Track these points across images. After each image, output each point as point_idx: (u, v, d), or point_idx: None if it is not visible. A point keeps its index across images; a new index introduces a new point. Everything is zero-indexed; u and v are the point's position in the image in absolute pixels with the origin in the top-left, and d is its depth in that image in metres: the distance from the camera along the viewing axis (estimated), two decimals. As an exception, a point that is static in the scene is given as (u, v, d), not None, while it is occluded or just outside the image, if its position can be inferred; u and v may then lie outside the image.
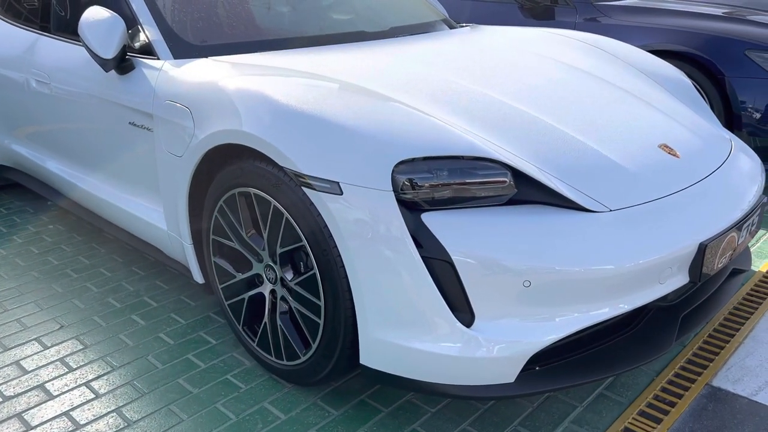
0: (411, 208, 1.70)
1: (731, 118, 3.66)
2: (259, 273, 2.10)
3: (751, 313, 2.48)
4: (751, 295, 2.62)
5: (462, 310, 1.69)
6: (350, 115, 1.80)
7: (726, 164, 2.19)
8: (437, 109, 1.98)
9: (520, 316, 1.70)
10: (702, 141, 2.26)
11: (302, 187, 1.78)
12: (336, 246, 1.76)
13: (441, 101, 2.04)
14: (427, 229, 1.68)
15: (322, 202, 1.74)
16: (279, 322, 2.05)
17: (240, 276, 2.16)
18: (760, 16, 4.07)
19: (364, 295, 1.74)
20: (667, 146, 2.11)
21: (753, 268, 2.85)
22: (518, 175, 1.78)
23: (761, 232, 3.22)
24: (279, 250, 1.96)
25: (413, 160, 1.72)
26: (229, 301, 2.23)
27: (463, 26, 3.34)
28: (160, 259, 2.61)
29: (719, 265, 1.95)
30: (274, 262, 2.01)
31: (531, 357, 1.70)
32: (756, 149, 3.61)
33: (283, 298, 2.04)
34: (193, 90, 2.16)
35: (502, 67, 2.45)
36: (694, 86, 3.79)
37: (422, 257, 1.67)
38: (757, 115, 3.55)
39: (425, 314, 1.69)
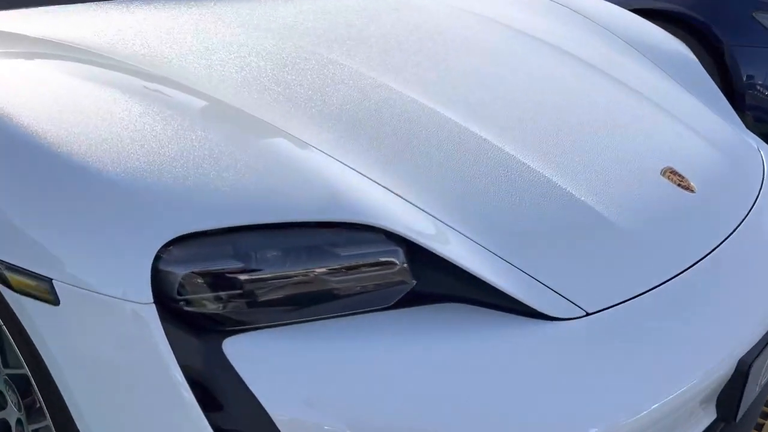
0: (199, 332, 0.86)
1: (732, 97, 2.88)
2: (2, 390, 1.26)
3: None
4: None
5: None
6: (98, 142, 0.92)
7: (763, 194, 1.39)
8: (282, 119, 1.12)
9: None
10: (724, 156, 1.45)
11: (-1, 284, 0.92)
12: (59, 390, 0.92)
13: (296, 102, 1.17)
14: (232, 371, 0.85)
15: (26, 313, 0.89)
16: (29, 474, 1.22)
17: (-22, 390, 1.31)
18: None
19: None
20: (674, 172, 1.30)
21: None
22: (419, 252, 0.95)
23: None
24: (5, 371, 1.12)
25: (203, 235, 0.86)
26: (-27, 423, 1.38)
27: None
28: None
29: (763, 383, 1.17)
30: (8, 385, 1.17)
31: None
32: (763, 138, 2.85)
33: (31, 439, 1.20)
34: None
35: (420, 37, 1.59)
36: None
37: (217, 430, 0.84)
38: (767, 94, 2.78)
39: None
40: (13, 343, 1.00)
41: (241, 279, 0.87)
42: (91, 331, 0.86)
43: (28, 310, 0.88)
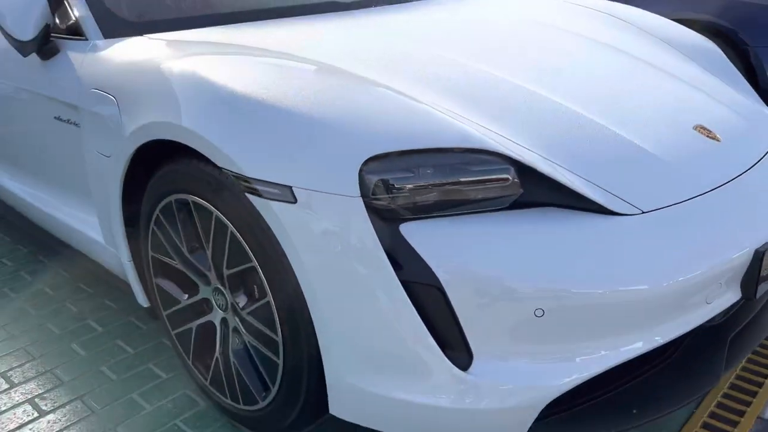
0: (386, 218, 1.31)
1: (758, 94, 3.26)
2: (207, 297, 1.72)
3: (801, 323, 2.10)
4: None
5: (456, 348, 1.31)
6: (308, 101, 1.40)
7: (774, 147, 1.79)
8: (421, 91, 1.58)
9: (531, 354, 1.31)
10: (743, 119, 1.86)
11: (247, 194, 1.39)
12: (292, 268, 1.37)
13: (427, 81, 1.64)
14: (408, 244, 1.29)
15: (272, 212, 1.35)
16: (232, 358, 1.66)
17: (185, 301, 1.77)
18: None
19: (329, 331, 1.36)
20: (704, 128, 1.72)
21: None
22: (524, 171, 1.38)
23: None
24: (226, 272, 1.57)
25: (387, 155, 1.32)
26: (176, 330, 1.84)
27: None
28: (103, 277, 2.23)
29: (778, 273, 1.57)
30: (223, 285, 1.62)
31: (547, 405, 1.32)
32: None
33: (236, 330, 1.65)
34: (120, 74, 1.76)
35: (501, 39, 2.05)
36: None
37: (402, 281, 1.28)
38: (788, 90, 3.15)
39: (408, 354, 1.31)
40: (243, 242, 1.46)
41: (408, 186, 1.32)
42: (318, 217, 1.31)
43: (274, 210, 1.34)
